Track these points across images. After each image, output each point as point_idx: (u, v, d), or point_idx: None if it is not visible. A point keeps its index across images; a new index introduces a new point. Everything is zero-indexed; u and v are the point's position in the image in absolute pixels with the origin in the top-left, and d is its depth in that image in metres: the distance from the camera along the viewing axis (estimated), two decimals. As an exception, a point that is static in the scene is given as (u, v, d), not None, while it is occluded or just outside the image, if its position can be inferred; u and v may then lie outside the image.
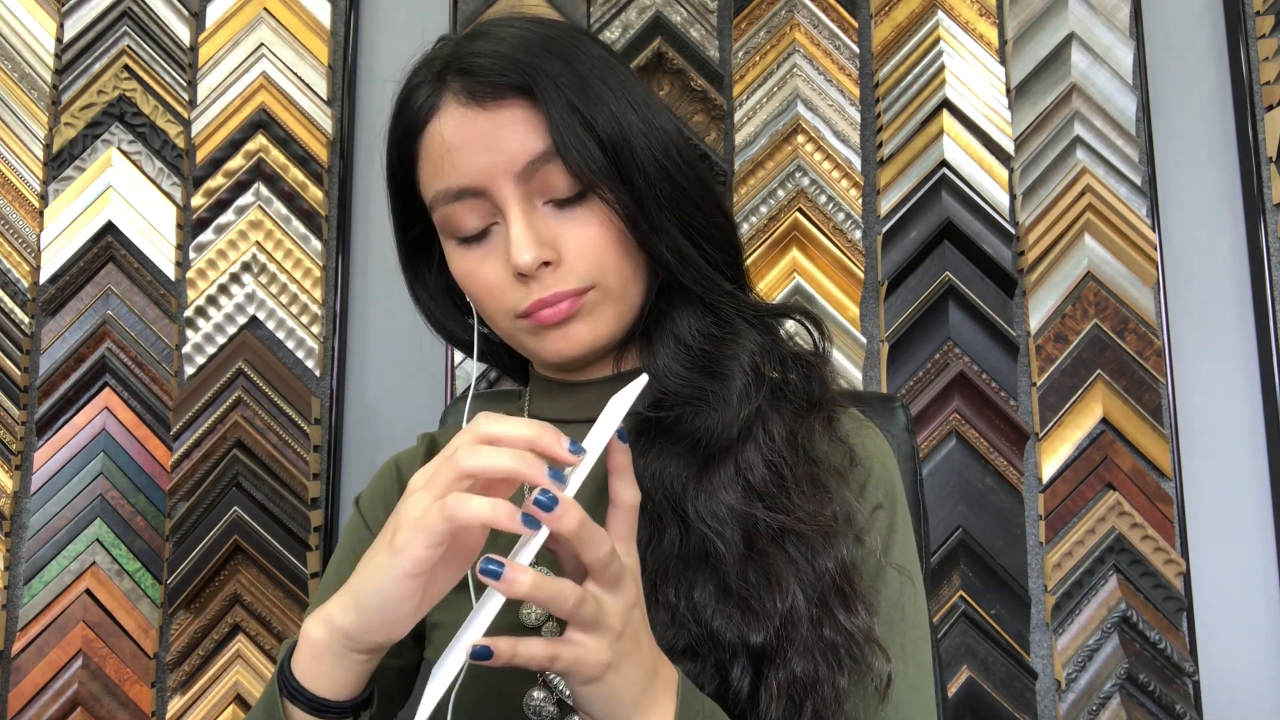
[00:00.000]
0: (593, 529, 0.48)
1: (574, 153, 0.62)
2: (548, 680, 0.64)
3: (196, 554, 1.43)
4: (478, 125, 0.64)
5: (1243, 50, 1.46)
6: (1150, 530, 1.38)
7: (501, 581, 0.46)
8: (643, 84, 0.69)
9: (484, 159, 0.64)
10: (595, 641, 0.50)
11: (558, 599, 0.47)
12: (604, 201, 0.64)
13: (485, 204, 0.65)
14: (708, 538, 0.61)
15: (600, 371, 0.73)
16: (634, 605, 0.52)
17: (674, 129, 0.69)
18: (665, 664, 0.55)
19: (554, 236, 0.65)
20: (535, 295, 0.65)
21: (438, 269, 0.77)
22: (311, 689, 0.55)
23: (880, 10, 1.52)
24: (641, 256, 0.67)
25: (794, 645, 0.59)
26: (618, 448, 0.52)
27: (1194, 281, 1.47)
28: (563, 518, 0.47)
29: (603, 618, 0.49)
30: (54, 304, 1.52)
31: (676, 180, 0.66)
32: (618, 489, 0.53)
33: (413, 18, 1.61)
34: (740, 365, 0.66)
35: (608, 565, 0.49)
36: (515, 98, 0.64)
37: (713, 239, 0.69)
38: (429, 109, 0.67)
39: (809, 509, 0.63)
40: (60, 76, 1.58)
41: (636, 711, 0.52)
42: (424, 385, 1.52)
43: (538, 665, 0.49)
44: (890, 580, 0.67)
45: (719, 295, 0.69)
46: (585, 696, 0.52)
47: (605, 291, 0.66)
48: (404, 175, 0.71)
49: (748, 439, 0.64)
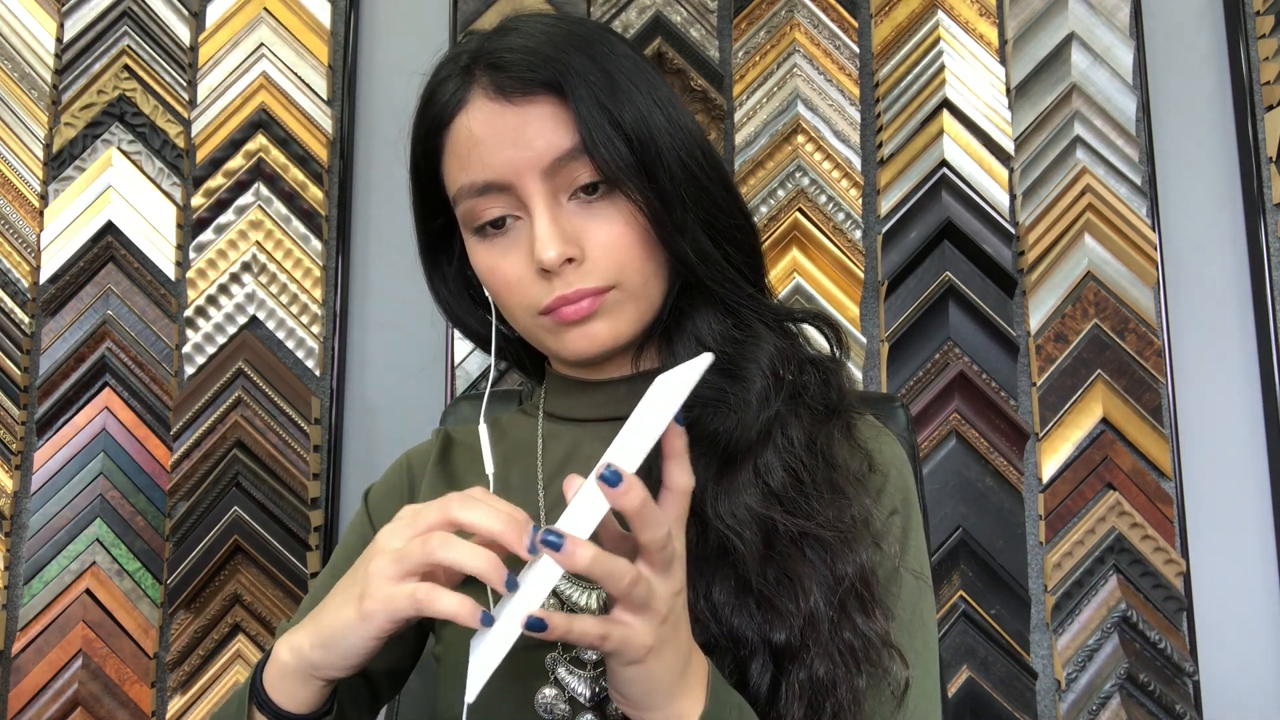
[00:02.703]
0: (653, 509, 0.48)
1: (601, 150, 0.63)
2: (559, 678, 0.64)
3: (196, 554, 1.43)
4: (506, 120, 0.64)
5: (1243, 50, 1.46)
6: (1150, 530, 1.38)
7: (562, 554, 0.46)
8: (667, 84, 0.69)
9: (511, 154, 0.64)
10: (642, 623, 0.50)
11: (615, 575, 0.47)
12: (629, 200, 0.64)
13: (510, 199, 0.65)
14: (726, 537, 0.61)
15: (618, 370, 0.73)
16: (679, 591, 0.52)
17: (698, 129, 0.69)
18: (698, 653, 0.56)
19: (578, 233, 0.65)
20: (558, 291, 0.65)
21: (457, 263, 0.77)
22: (277, 702, 0.59)
23: (880, 10, 1.52)
24: (663, 256, 0.67)
25: (815, 646, 0.60)
26: (675, 431, 0.52)
27: (1194, 281, 1.47)
28: (628, 494, 0.47)
29: (651, 600, 0.50)
30: (54, 304, 1.52)
31: (700, 180, 0.66)
32: (672, 473, 0.52)
33: (413, 18, 1.61)
34: (760, 368, 0.66)
35: (663, 548, 0.49)
36: (544, 94, 0.64)
37: (734, 241, 0.69)
38: (456, 102, 0.67)
39: (828, 514, 0.63)
40: (60, 76, 1.58)
41: (670, 697, 0.53)
42: (424, 385, 1.52)
43: (589, 643, 0.49)
44: (907, 585, 0.67)
45: (740, 298, 0.69)
46: (624, 678, 0.52)
47: (626, 290, 0.66)
48: (428, 168, 0.71)
49: (767, 442, 0.65)
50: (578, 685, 0.63)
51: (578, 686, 0.63)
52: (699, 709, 0.54)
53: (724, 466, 0.64)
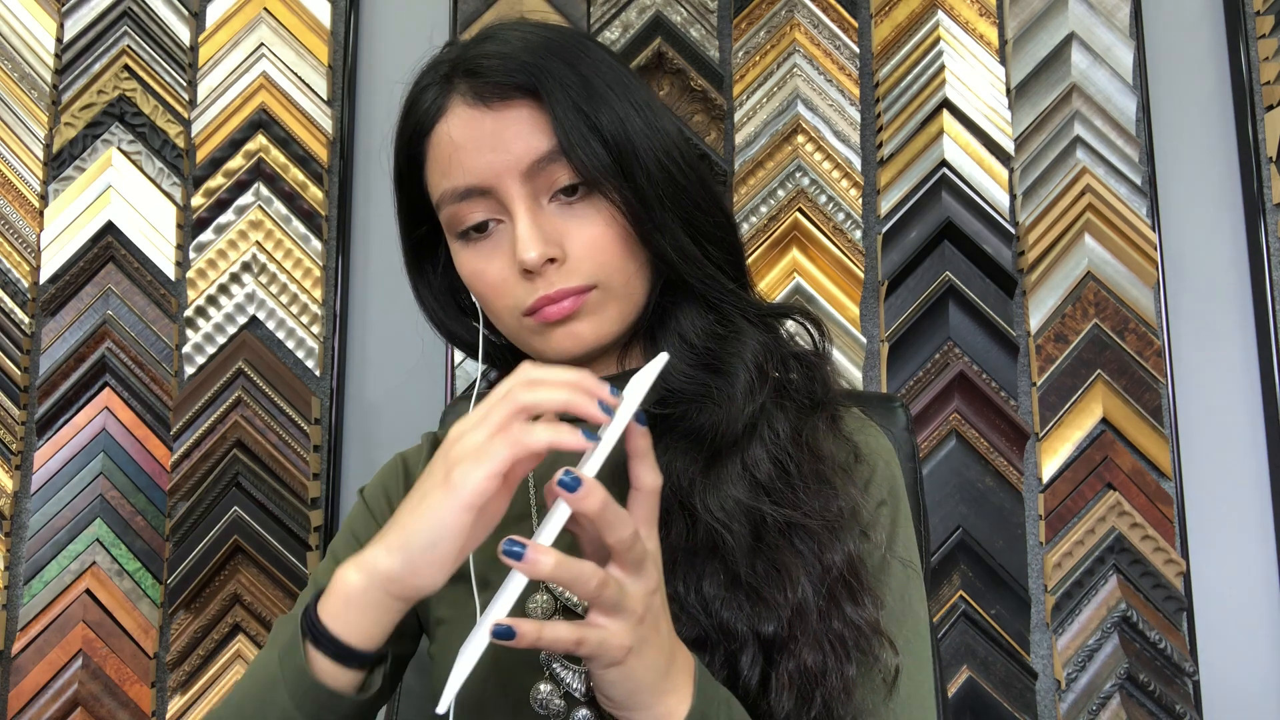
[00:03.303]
0: (616, 511, 0.49)
1: (578, 151, 0.64)
2: (554, 673, 0.64)
3: (196, 554, 1.43)
4: (484, 125, 0.65)
5: (1243, 50, 1.46)
6: (1150, 530, 1.38)
7: (524, 562, 0.47)
8: (645, 87, 0.70)
9: (490, 158, 0.65)
10: (618, 625, 0.50)
11: (580, 580, 0.48)
12: (608, 200, 0.65)
13: (492, 203, 0.66)
14: (715, 531, 0.62)
15: (604, 371, 0.74)
16: (655, 590, 0.52)
17: (676, 131, 0.70)
18: (682, 650, 0.56)
19: (559, 234, 0.65)
20: (540, 292, 0.66)
21: (442, 270, 0.79)
22: (339, 635, 0.55)
23: (880, 10, 1.52)
24: (645, 255, 0.68)
25: (804, 636, 0.60)
26: (636, 431, 0.53)
27: (1194, 281, 1.47)
28: (586, 498, 0.48)
29: (625, 601, 0.50)
30: (54, 304, 1.52)
31: (678, 180, 0.67)
32: (639, 473, 0.54)
33: (413, 18, 1.61)
34: (744, 363, 0.67)
35: (631, 548, 0.50)
36: (521, 98, 0.65)
37: (714, 238, 0.70)
38: (436, 110, 0.68)
39: (815, 504, 0.64)
40: (60, 76, 1.58)
41: (655, 695, 0.53)
42: (424, 385, 1.52)
43: (563, 647, 0.50)
44: (896, 574, 0.68)
45: (721, 294, 0.70)
46: (607, 680, 0.52)
47: (609, 290, 0.67)
48: (411, 176, 0.72)
49: (753, 436, 0.65)
50: (573, 680, 0.63)
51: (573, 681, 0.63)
52: (686, 706, 0.54)
53: (711, 461, 0.65)
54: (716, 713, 0.55)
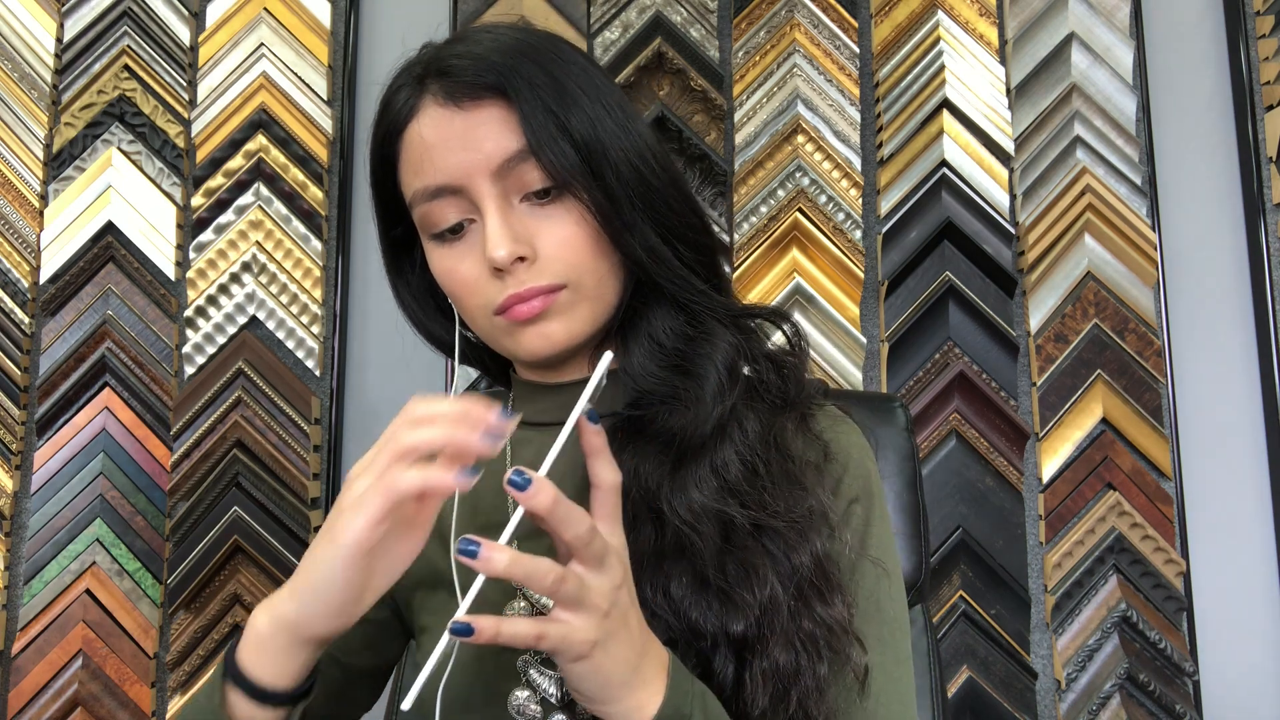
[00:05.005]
0: (569, 507, 0.50)
1: (548, 152, 0.64)
2: (530, 679, 0.64)
3: (196, 554, 1.43)
4: (454, 125, 0.65)
5: (1243, 50, 1.46)
6: (1150, 530, 1.38)
7: (478, 560, 0.48)
8: (619, 91, 0.70)
9: (461, 157, 0.65)
10: (581, 620, 0.51)
11: (535, 576, 0.49)
12: (578, 200, 0.66)
13: (463, 202, 0.67)
14: (683, 533, 0.62)
15: (577, 372, 0.74)
16: (620, 585, 0.53)
17: (649, 133, 0.70)
18: (655, 644, 0.56)
19: (530, 233, 0.66)
20: (510, 290, 0.66)
21: (420, 270, 0.79)
22: (254, 677, 0.57)
23: (880, 10, 1.52)
24: (616, 256, 0.68)
25: (775, 635, 0.61)
26: (589, 429, 0.54)
27: (1194, 281, 1.47)
28: (536, 496, 0.49)
29: (587, 596, 0.50)
30: (54, 304, 1.52)
31: (649, 181, 0.68)
32: (596, 470, 0.54)
33: (413, 18, 1.61)
34: (714, 364, 0.67)
35: (588, 544, 0.51)
36: (491, 98, 0.65)
37: (687, 240, 0.70)
38: (409, 110, 0.68)
39: (783, 505, 0.64)
40: (60, 76, 1.58)
41: (626, 689, 0.54)
42: (424, 385, 1.52)
43: (523, 643, 0.50)
44: (867, 573, 0.68)
45: (692, 295, 0.70)
46: (576, 674, 0.53)
47: (579, 290, 0.67)
48: (385, 176, 0.72)
49: (722, 436, 0.66)
50: (548, 686, 0.64)
51: (548, 687, 0.63)
52: (658, 699, 0.54)
53: (679, 463, 0.65)
54: (690, 707, 0.56)
